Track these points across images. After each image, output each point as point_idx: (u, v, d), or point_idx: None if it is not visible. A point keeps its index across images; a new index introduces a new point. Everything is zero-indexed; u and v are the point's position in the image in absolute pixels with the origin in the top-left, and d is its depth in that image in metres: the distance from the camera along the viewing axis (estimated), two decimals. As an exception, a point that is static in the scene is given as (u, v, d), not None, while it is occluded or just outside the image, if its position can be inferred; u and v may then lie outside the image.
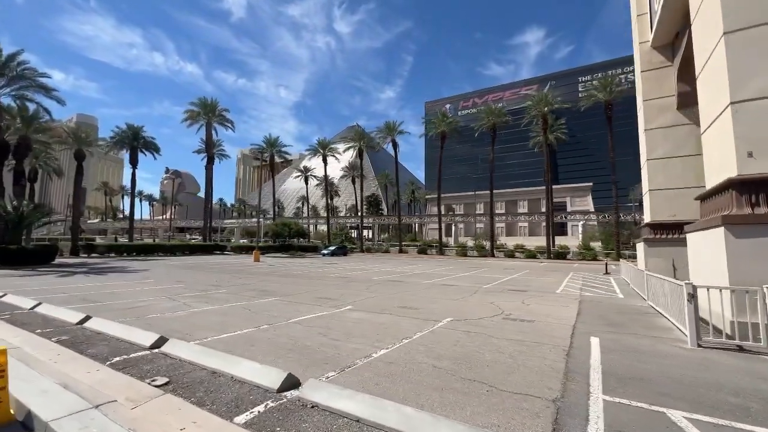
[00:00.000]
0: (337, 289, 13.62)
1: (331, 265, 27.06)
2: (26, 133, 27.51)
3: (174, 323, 7.48)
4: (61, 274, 18.01)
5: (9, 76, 23.21)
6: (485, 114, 45.99)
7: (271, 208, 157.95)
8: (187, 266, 24.58)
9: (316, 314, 8.60)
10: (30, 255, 22.80)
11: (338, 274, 20.13)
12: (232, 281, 15.75)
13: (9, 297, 9.79)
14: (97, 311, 8.45)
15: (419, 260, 37.05)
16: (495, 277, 19.19)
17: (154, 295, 11.30)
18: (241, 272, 20.46)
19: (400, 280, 17.07)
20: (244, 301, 10.38)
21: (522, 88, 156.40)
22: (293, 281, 16.09)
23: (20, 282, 14.71)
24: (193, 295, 11.56)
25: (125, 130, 47.16)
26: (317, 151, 59.68)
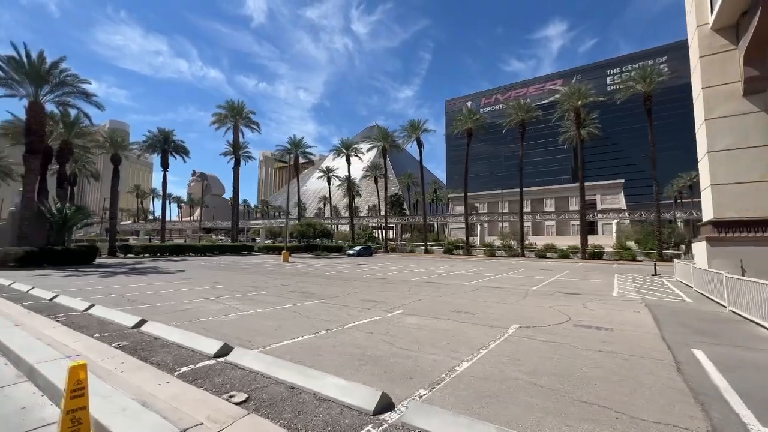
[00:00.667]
0: (379, 291, 13.14)
1: (361, 266, 26.69)
2: (68, 138, 28.67)
3: (228, 328, 7.16)
4: (103, 275, 18.38)
5: (52, 83, 24.09)
6: (514, 109, 44.55)
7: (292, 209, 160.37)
8: (220, 267, 24.78)
9: (370, 319, 8.12)
10: (73, 255, 23.54)
11: (372, 275, 19.68)
12: (269, 282, 15.56)
13: (61, 298, 9.81)
14: (147, 314, 8.28)
15: (447, 261, 36.20)
16: (537, 279, 18.23)
17: (197, 297, 11.14)
18: (274, 273, 20.35)
19: (438, 282, 16.43)
20: (289, 304, 10.03)
21: (546, 83, 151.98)
22: (330, 282, 15.74)
23: (68, 282, 15.00)
24: (236, 296, 11.34)
25: (156, 134, 48.52)
26: (340, 151, 59.67)
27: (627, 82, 38.49)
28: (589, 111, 46.83)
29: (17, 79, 23.42)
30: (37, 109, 23.63)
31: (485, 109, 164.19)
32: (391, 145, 55.93)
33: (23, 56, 22.65)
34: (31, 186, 23.28)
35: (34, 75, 23.13)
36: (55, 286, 13.41)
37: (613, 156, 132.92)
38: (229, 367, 4.75)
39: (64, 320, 7.47)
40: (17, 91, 23.77)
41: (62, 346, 5.49)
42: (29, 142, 23.34)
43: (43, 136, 24.66)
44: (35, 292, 11.29)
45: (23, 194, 23.28)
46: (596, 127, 47.83)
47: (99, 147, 35.50)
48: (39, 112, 23.77)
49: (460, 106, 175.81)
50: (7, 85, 23.23)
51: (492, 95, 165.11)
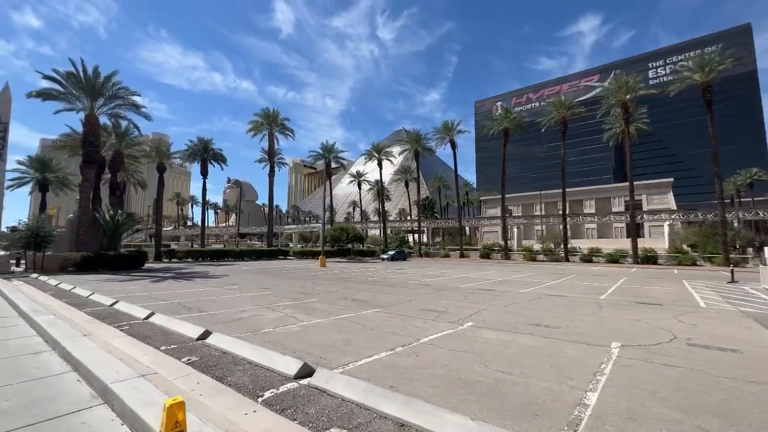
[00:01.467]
0: (433, 299, 12.34)
1: (400, 271, 25.96)
2: (119, 148, 30.19)
3: (294, 341, 6.63)
4: (153, 279, 18.77)
5: (106, 96, 25.33)
6: (554, 106, 42.47)
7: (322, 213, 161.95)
8: (261, 271, 24.89)
9: (442, 332, 7.35)
10: (124, 260, 24.47)
11: (417, 281, 18.89)
12: (315, 289, 15.16)
13: (121, 305, 9.77)
14: (206, 323, 7.96)
15: (486, 265, 34.74)
16: (598, 286, 16.74)
17: (251, 304, 10.83)
18: (316, 278, 20.04)
19: (491, 289, 15.38)
20: (347, 313, 9.46)
21: (582, 80, 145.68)
22: (378, 289, 15.11)
23: (123, 287, 15.30)
24: (289, 304, 10.94)
25: (197, 143, 50.42)
26: (372, 155, 59.55)
27: (682, 72, 35.58)
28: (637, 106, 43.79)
29: (75, 94, 24.82)
30: (92, 122, 24.92)
31: (516, 109, 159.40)
32: (423, 148, 55.07)
33: (80, 72, 23.99)
34: (86, 194, 24.51)
35: (90, 89, 24.43)
36: (112, 291, 13.64)
37: (657, 154, 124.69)
38: (316, 393, 4.14)
39: (128, 330, 7.25)
40: (74, 105, 25.21)
41: (132, 361, 5.13)
42: (86, 153, 24.64)
43: (98, 146, 26.00)
44: (95, 297, 11.42)
45: (79, 202, 24.55)
46: (644, 122, 44.70)
47: (146, 156, 37.25)
48: (94, 124, 25.06)
49: (490, 107, 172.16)
50: (66, 99, 24.68)
51: (523, 94, 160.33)
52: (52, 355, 5.82)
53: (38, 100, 23.08)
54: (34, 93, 23.29)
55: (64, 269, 22.59)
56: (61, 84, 23.92)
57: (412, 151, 55.00)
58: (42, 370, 5.11)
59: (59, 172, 42.98)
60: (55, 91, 23.88)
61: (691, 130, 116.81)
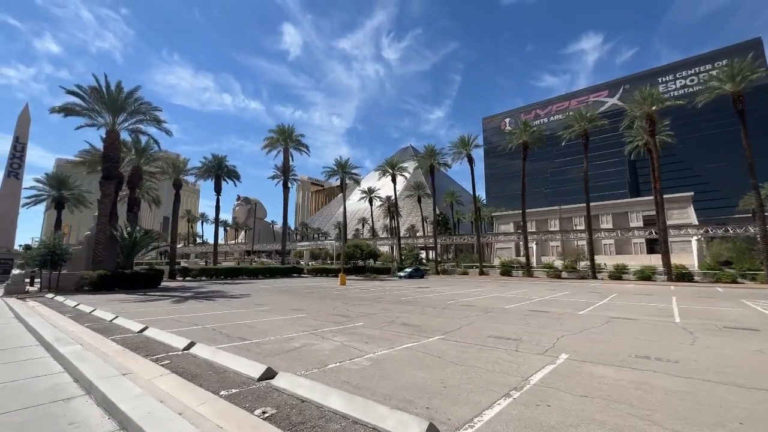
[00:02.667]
0: (491, 323, 11.03)
1: (427, 290, 24.57)
2: (138, 164, 29.77)
3: (377, 382, 5.40)
4: (174, 300, 17.68)
5: (128, 111, 24.99)
6: (575, 120, 41.60)
7: (331, 230, 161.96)
8: (282, 290, 23.70)
9: (544, 368, 6.06)
10: (141, 279, 23.48)
11: (454, 301, 17.53)
12: (351, 310, 13.91)
13: (152, 332, 8.64)
14: (254, 354, 6.80)
15: (513, 283, 33.14)
16: (658, 307, 15.25)
17: (293, 330, 9.63)
18: (344, 298, 18.77)
19: (544, 310, 13.99)
20: (409, 341, 8.19)
21: (591, 95, 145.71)
22: (421, 311, 13.80)
23: (144, 309, 14.22)
24: (336, 329, 9.72)
25: (211, 159, 50.29)
26: (385, 171, 58.92)
27: (709, 82, 34.63)
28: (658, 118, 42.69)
29: (96, 109, 24.51)
30: (113, 137, 24.50)
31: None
32: (439, 163, 54.32)
33: (103, 87, 23.73)
34: (105, 210, 23.82)
35: (112, 104, 24.12)
36: (135, 313, 12.55)
37: (671, 168, 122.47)
38: (472, 475, 2.93)
39: (170, 365, 6.09)
40: (96, 121, 24.87)
41: (194, 415, 3.96)
42: (106, 168, 24.11)
43: (119, 162, 25.52)
44: (120, 322, 10.32)
45: (98, 218, 23.83)
46: (668, 134, 43.56)
47: (163, 173, 36.89)
48: (115, 140, 24.64)
49: (498, 123, 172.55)
50: (88, 115, 24.35)
51: (531, 110, 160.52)
52: (87, 403, 4.67)
53: (55, 121, 23.06)
54: (57, 108, 22.99)
55: (80, 288, 21.64)
56: (83, 99, 23.64)
57: (427, 166, 54.23)
58: (80, 428, 3.95)
59: (75, 190, 42.78)
60: (78, 106, 23.59)
61: (707, 143, 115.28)
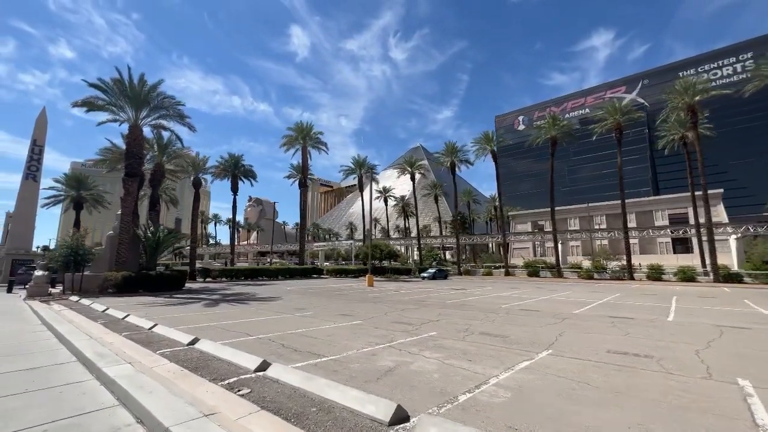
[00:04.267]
0: (581, 332, 9.49)
1: (463, 292, 23.01)
2: (160, 161, 28.85)
3: (560, 427, 3.96)
4: (205, 303, 16.47)
5: (150, 106, 24.00)
6: (609, 113, 39.55)
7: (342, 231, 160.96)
8: (312, 292, 22.40)
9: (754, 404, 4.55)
10: (165, 280, 22.41)
11: (507, 304, 15.98)
12: (408, 316, 12.47)
13: (206, 345, 7.31)
14: (343, 377, 5.41)
15: (547, 284, 31.34)
16: (744, 312, 13.50)
17: (362, 341, 8.22)
18: (385, 300, 17.35)
19: (618, 316, 12.35)
20: (519, 359, 6.72)
21: (607, 92, 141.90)
22: (484, 316, 12.29)
23: (178, 314, 12.99)
24: (411, 341, 8.29)
25: (227, 159, 49.45)
26: (404, 169, 57.48)
27: (759, 69, 32.39)
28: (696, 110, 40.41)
29: (118, 104, 23.56)
30: (136, 132, 23.53)
31: (538, 123, 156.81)
32: (460, 160, 52.65)
33: (127, 79, 22.74)
34: (128, 209, 22.83)
35: (135, 98, 23.14)
36: (172, 320, 11.32)
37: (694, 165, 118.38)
38: None
39: (251, 395, 4.70)
40: (118, 116, 23.93)
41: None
42: (128, 165, 23.13)
43: (142, 158, 24.55)
44: (161, 331, 9.05)
45: (121, 217, 22.85)
46: (707, 127, 41.30)
47: (182, 171, 36.04)
48: (138, 135, 23.66)
49: (511, 121, 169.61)
50: (109, 109, 23.41)
51: (545, 107, 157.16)
52: (165, 462, 3.31)
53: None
54: (79, 102, 22.06)
55: (104, 290, 20.64)
56: (106, 92, 22.68)
57: (448, 163, 52.62)
58: None
59: (94, 190, 42.25)
60: (101, 100, 22.63)
61: (732, 139, 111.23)
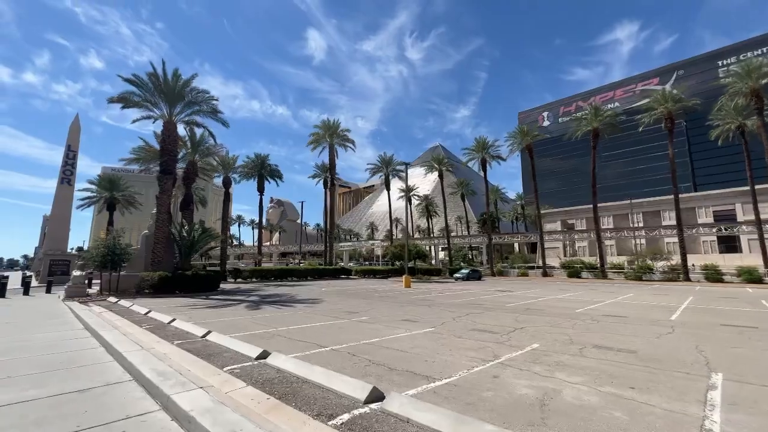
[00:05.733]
0: (719, 346, 7.70)
1: (512, 294, 21.20)
2: (193, 158, 28.41)
3: None
4: (248, 305, 15.42)
5: (185, 101, 23.38)
6: (657, 102, 36.70)
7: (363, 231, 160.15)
8: (351, 294, 21.14)
9: None
10: (201, 281, 21.64)
11: (572, 307, 14.16)
12: (485, 323, 10.93)
13: (278, 360, 6.01)
14: (485, 411, 3.94)
15: (596, 285, 28.98)
16: None
17: (464, 357, 6.75)
18: (437, 303, 15.83)
19: (733, 324, 10.40)
20: (708, 390, 5.11)
21: (638, 84, 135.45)
22: (571, 324, 10.60)
23: (226, 318, 11.90)
24: (520, 356, 6.75)
25: (254, 159, 49.10)
26: (432, 167, 55.82)
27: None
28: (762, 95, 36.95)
29: (153, 100, 23.05)
30: (171, 129, 22.95)
31: (564, 119, 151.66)
32: (492, 156, 50.52)
33: (162, 74, 22.17)
34: (164, 207, 22.24)
35: (170, 93, 22.57)
36: (223, 325, 10.18)
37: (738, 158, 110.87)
38: None
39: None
40: (152, 113, 23.42)
41: None
42: (163, 162, 22.58)
43: (176, 155, 24.01)
44: (217, 339, 7.85)
45: (156, 215, 22.31)
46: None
47: (213, 170, 35.70)
48: (173, 131, 23.08)
49: (535, 117, 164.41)
50: (144, 106, 22.92)
51: (572, 102, 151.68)
52: None
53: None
54: (115, 98, 21.62)
55: (140, 291, 20.02)
56: (141, 87, 22.18)
57: (478, 160, 50.57)
58: None
59: (126, 191, 42.60)
60: (136, 96, 22.16)
61: None
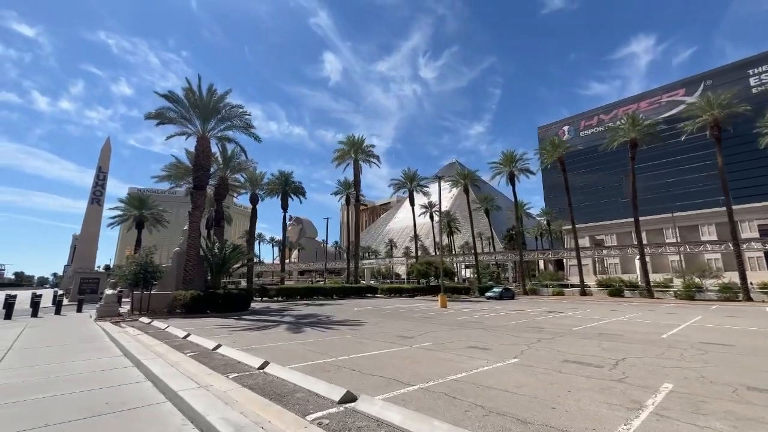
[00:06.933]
0: None
1: (560, 315, 19.31)
2: (224, 174, 28.23)
3: None
4: (287, 327, 14.27)
5: (219, 116, 23.22)
6: (701, 110, 34.68)
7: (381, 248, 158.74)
8: (387, 314, 19.74)
9: None
10: (233, 300, 20.71)
11: (647, 331, 12.36)
12: (558, 348, 9.39)
13: (375, 406, 4.77)
14: None
15: (649, 305, 26.52)
16: None
17: (584, 399, 5.34)
18: (491, 327, 14.26)
19: None
20: None
21: (663, 96, 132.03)
22: (679, 354, 8.93)
23: (275, 344, 10.75)
24: (676, 403, 5.29)
25: (278, 176, 49.08)
26: (457, 182, 54.56)
27: None
28: None
29: (187, 116, 22.97)
30: (204, 144, 22.72)
31: (586, 132, 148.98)
32: (519, 170, 48.95)
33: (197, 89, 22.13)
34: (196, 223, 21.75)
35: (204, 108, 22.47)
36: (275, 352, 9.01)
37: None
38: None
39: None
40: (186, 129, 23.32)
41: None
42: (197, 177, 22.24)
43: (209, 171, 23.71)
44: (280, 373, 6.67)
45: (189, 232, 21.78)
46: (825, 120, 35.07)
47: (241, 186, 35.58)
48: (206, 147, 22.84)
49: (555, 131, 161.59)
50: (178, 122, 22.85)
51: (593, 116, 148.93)
52: None
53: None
54: (152, 114, 21.63)
55: (172, 311, 19.22)
56: (176, 103, 22.17)
57: (507, 174, 49.05)
58: None
59: (154, 209, 42.98)
60: (172, 111, 22.13)
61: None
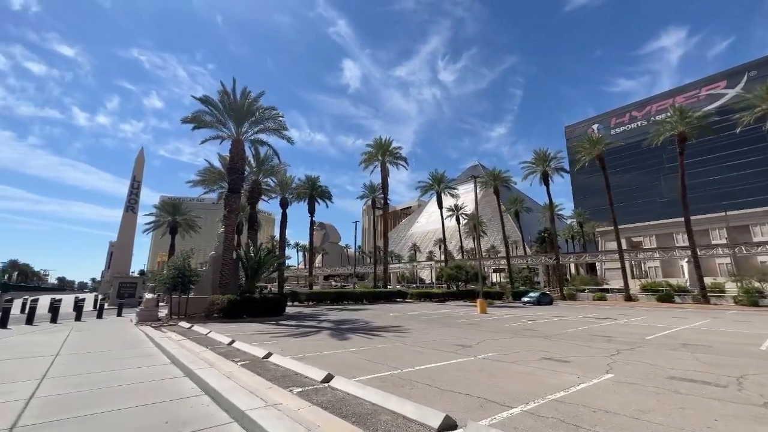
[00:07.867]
0: None
1: (614, 322, 17.64)
2: (257, 177, 28.27)
3: None
4: (331, 334, 13.56)
5: (253, 119, 23.14)
6: (761, 98, 31.82)
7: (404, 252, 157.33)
8: (427, 320, 18.72)
9: None
10: (268, 305, 20.32)
11: (722, 340, 10.76)
12: (651, 361, 8.12)
13: (491, 438, 3.85)
14: None
15: (711, 312, 24.11)
16: None
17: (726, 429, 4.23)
18: (548, 335, 13.00)
19: None
20: None
21: (703, 89, 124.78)
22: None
23: (328, 353, 10.02)
24: None
25: (305, 181, 49.12)
26: (487, 183, 52.93)
27: None
28: None
29: (222, 120, 23.02)
30: (239, 147, 22.67)
31: (617, 130, 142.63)
32: (554, 169, 46.84)
33: (232, 92, 22.16)
34: (231, 227, 21.63)
35: (238, 111, 22.45)
36: (329, 361, 8.23)
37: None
38: None
39: None
40: (221, 131, 23.37)
41: None
42: (231, 181, 22.17)
43: (244, 174, 23.68)
44: (348, 388, 5.87)
45: (224, 236, 21.69)
46: None
47: (272, 190, 35.71)
48: (240, 150, 22.78)
49: (583, 130, 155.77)
50: (213, 126, 22.92)
51: (624, 113, 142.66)
52: None
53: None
54: (188, 118, 21.79)
55: (210, 315, 18.99)
56: (212, 106, 22.27)
57: (540, 173, 47.04)
58: None
59: (187, 215, 43.86)
60: (208, 114, 22.24)
61: None
